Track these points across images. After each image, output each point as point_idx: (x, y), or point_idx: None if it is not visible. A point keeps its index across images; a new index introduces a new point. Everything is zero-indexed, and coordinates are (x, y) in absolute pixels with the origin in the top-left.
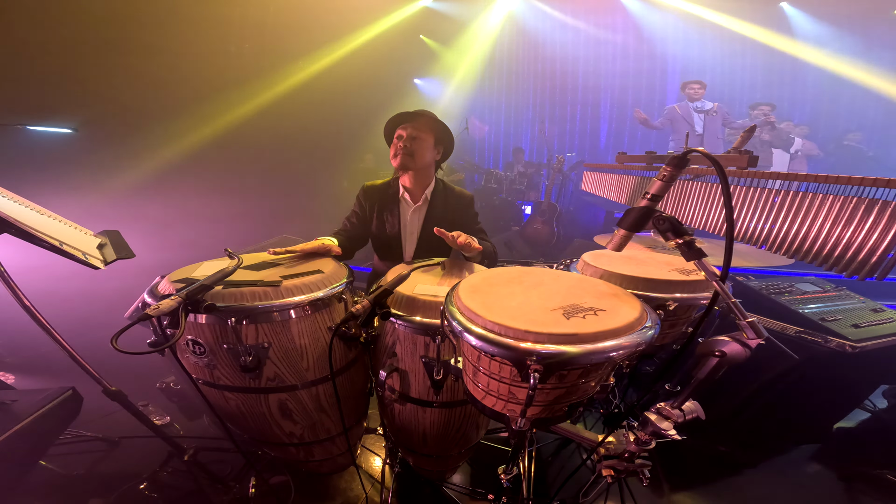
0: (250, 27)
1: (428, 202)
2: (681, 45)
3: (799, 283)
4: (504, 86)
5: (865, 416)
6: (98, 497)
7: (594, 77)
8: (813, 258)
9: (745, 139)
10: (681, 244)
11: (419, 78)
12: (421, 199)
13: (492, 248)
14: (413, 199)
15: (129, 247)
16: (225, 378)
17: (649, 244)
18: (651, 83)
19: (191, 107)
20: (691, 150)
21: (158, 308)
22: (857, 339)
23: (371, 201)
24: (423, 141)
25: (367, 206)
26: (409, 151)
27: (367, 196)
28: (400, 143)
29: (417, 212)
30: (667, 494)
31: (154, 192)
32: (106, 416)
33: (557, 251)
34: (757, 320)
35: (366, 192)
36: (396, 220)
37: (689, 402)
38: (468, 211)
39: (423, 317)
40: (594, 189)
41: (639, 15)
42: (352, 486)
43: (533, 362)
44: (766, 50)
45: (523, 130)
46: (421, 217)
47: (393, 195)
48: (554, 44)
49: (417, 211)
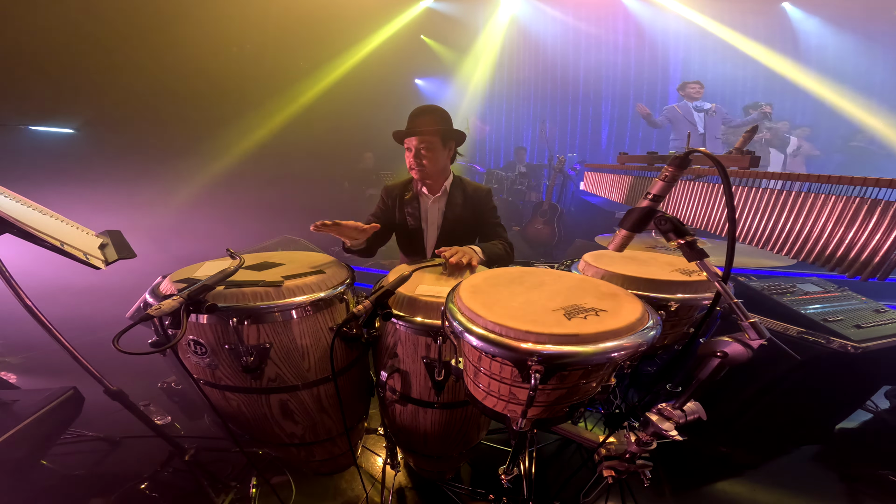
0: (252, 28)
1: (447, 193)
2: (682, 46)
3: (801, 283)
4: (505, 86)
5: (867, 417)
6: (99, 497)
7: (595, 77)
8: (815, 259)
9: (747, 139)
10: (682, 244)
11: (420, 78)
12: (440, 191)
13: (502, 249)
14: (431, 191)
15: (130, 247)
16: (226, 378)
17: (651, 245)
18: (652, 83)
19: (191, 108)
20: (693, 150)
21: (160, 308)
22: (859, 340)
23: (393, 197)
24: (434, 148)
25: (389, 203)
26: (420, 165)
27: (389, 193)
28: (411, 157)
29: (437, 202)
30: (668, 495)
31: (155, 192)
32: (107, 415)
33: (559, 251)
34: (759, 321)
35: (388, 190)
36: (417, 211)
37: (691, 403)
38: (487, 203)
39: (425, 317)
40: (595, 189)
41: (640, 15)
42: (352, 487)
43: (534, 363)
44: (768, 50)
45: (524, 131)
46: (441, 207)
47: (413, 190)
48: (555, 44)
49: (437, 202)
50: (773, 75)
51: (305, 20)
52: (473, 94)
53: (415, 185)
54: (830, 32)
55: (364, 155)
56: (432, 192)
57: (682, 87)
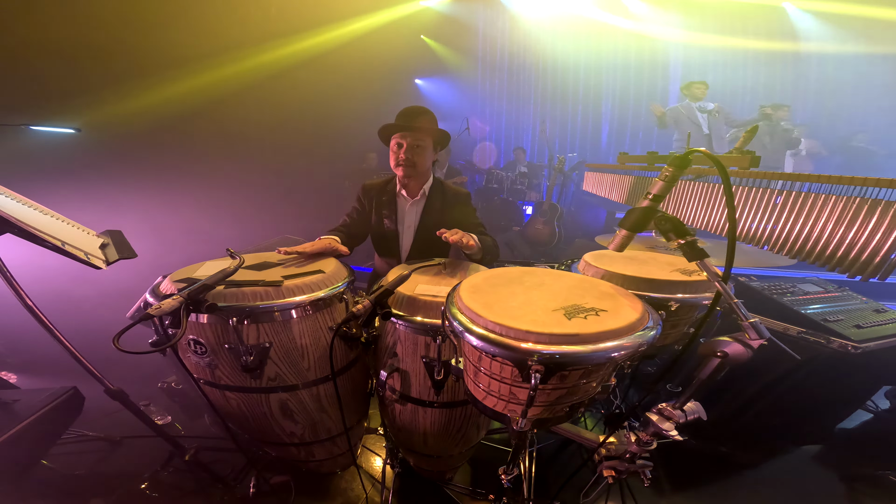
0: (252, 28)
1: (426, 196)
2: (682, 46)
3: (801, 283)
4: (505, 86)
5: (868, 417)
6: (99, 496)
7: (595, 77)
8: (815, 259)
9: (748, 139)
10: (683, 244)
11: (420, 78)
12: (419, 194)
13: (492, 242)
14: (410, 194)
15: (131, 247)
16: (226, 378)
17: (651, 244)
18: (652, 83)
19: (193, 108)
20: (693, 150)
21: (160, 308)
22: (859, 340)
23: (370, 198)
24: (425, 149)
25: (366, 203)
26: (411, 162)
27: (366, 193)
28: (402, 153)
29: (415, 206)
30: (668, 495)
31: (156, 192)
32: (107, 415)
33: (559, 251)
34: (759, 321)
35: (365, 190)
36: (394, 214)
37: (691, 403)
38: (465, 206)
39: (424, 317)
40: (595, 189)
41: (640, 15)
42: (352, 486)
43: (534, 363)
44: (769, 49)
45: (524, 131)
46: (419, 211)
47: (391, 191)
48: (555, 44)
49: (415, 205)
50: (774, 75)
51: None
52: (474, 95)
53: (394, 187)
54: (830, 32)
55: (367, 155)
56: (411, 195)
57: (687, 86)
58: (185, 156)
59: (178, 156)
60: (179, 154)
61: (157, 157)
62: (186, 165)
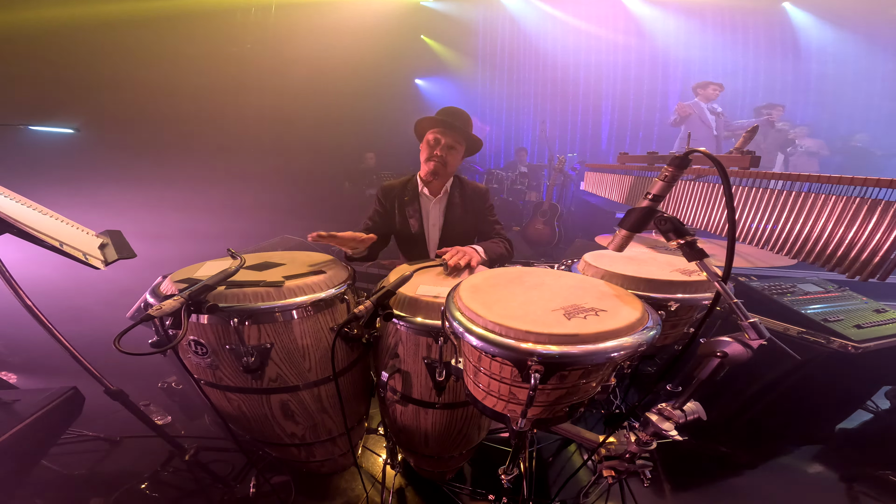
0: (252, 28)
1: (448, 193)
2: (683, 46)
3: (801, 283)
4: (505, 86)
5: (868, 417)
6: (99, 496)
7: (595, 77)
8: (815, 259)
9: (748, 139)
10: (682, 244)
11: (420, 78)
12: (441, 192)
13: (503, 248)
14: (433, 192)
15: (130, 247)
16: (227, 378)
17: (651, 244)
18: (652, 83)
19: (193, 108)
20: (693, 150)
21: (161, 308)
22: (859, 340)
23: (391, 199)
24: (458, 152)
25: (387, 205)
26: (443, 161)
27: (387, 195)
28: (437, 150)
29: (438, 204)
30: (668, 495)
31: (156, 192)
32: (107, 415)
33: (559, 251)
34: (759, 321)
35: (385, 192)
36: (418, 213)
37: (691, 403)
38: (484, 203)
39: (426, 318)
40: (595, 189)
41: (640, 14)
42: (353, 487)
43: (534, 363)
44: (769, 50)
45: (524, 131)
46: (442, 209)
47: (412, 191)
48: (555, 44)
49: (438, 203)
50: (774, 75)
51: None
52: (473, 94)
53: (415, 187)
54: (831, 32)
55: (365, 155)
56: (433, 194)
57: (703, 85)
58: (185, 156)
59: (178, 156)
60: (179, 154)
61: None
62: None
